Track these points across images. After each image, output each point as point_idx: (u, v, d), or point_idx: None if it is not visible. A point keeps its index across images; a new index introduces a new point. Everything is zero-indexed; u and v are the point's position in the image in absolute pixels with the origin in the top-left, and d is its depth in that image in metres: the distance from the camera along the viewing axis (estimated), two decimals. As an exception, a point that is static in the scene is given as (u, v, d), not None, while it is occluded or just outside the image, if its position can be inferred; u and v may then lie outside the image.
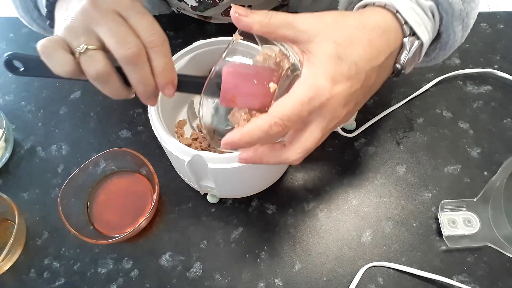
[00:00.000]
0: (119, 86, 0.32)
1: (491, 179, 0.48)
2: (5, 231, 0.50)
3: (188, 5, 0.59)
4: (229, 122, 0.35)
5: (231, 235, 0.50)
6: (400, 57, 0.35)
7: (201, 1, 0.57)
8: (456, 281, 0.46)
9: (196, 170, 0.44)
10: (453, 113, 0.58)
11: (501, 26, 0.66)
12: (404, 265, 0.47)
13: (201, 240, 0.50)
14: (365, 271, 0.47)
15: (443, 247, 0.48)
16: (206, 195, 0.52)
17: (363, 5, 0.36)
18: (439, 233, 0.49)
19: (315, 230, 0.50)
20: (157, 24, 0.32)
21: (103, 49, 0.31)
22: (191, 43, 0.48)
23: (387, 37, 0.33)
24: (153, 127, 0.43)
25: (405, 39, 0.34)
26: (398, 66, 0.35)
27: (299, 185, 0.53)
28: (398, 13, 0.34)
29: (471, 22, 0.38)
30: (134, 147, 0.52)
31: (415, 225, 0.50)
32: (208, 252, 0.49)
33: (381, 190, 0.53)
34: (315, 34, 0.31)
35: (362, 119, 0.57)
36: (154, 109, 0.44)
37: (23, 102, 0.62)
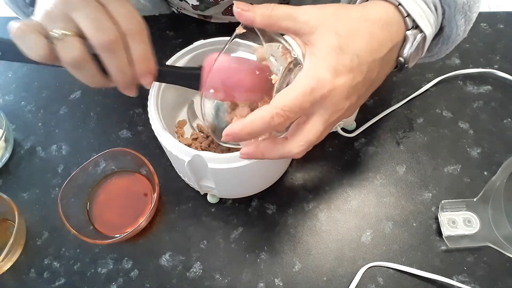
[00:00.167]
0: (95, 73, 0.32)
1: (491, 179, 0.48)
2: (5, 231, 0.50)
3: (189, 4, 0.59)
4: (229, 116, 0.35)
5: (231, 235, 0.50)
6: (403, 51, 0.35)
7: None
8: (456, 281, 0.46)
9: (196, 170, 0.44)
10: (453, 113, 0.58)
11: (501, 26, 0.66)
12: (404, 265, 0.47)
13: (201, 240, 0.50)
14: (365, 271, 0.47)
15: (443, 247, 0.48)
16: (206, 195, 0.52)
17: None
18: (439, 233, 0.49)
19: (315, 230, 0.50)
20: (136, 12, 0.31)
21: (80, 35, 0.30)
22: (191, 43, 0.48)
23: (389, 30, 0.33)
24: (153, 127, 0.43)
25: (408, 32, 0.34)
26: (401, 59, 0.35)
27: (299, 185, 0.53)
28: (400, 6, 0.33)
29: (473, 16, 0.37)
30: (134, 147, 0.52)
31: (415, 225, 0.50)
32: (208, 252, 0.49)
33: (381, 190, 0.53)
34: (317, 25, 0.31)
35: (362, 119, 0.57)
36: (154, 109, 0.44)
37: (23, 102, 0.61)
